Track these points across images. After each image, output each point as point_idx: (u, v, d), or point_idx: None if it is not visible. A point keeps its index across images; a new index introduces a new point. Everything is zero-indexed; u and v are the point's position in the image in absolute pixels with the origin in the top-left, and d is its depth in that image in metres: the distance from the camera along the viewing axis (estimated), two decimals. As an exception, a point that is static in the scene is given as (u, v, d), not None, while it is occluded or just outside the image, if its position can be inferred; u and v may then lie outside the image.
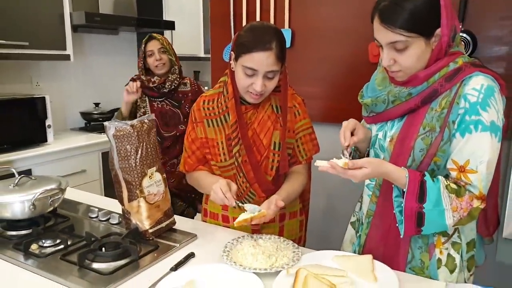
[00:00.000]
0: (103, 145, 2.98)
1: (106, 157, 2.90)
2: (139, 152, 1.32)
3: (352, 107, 2.02)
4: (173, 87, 2.25)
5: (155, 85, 2.23)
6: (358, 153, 1.40)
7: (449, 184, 1.06)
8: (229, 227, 1.50)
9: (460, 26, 1.82)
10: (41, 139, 2.73)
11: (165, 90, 2.24)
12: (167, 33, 3.71)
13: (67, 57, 2.94)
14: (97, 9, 3.19)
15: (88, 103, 3.41)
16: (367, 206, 1.27)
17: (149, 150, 1.35)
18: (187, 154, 1.53)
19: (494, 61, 1.81)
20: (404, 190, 1.07)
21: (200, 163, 1.51)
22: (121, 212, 1.41)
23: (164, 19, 3.67)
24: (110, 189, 2.09)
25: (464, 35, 1.83)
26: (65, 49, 2.91)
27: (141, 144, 1.32)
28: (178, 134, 2.26)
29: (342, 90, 2.04)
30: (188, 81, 2.36)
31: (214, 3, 2.29)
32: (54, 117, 2.88)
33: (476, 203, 1.05)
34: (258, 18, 2.13)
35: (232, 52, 1.37)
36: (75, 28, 3.16)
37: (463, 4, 1.83)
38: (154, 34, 2.26)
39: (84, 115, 3.32)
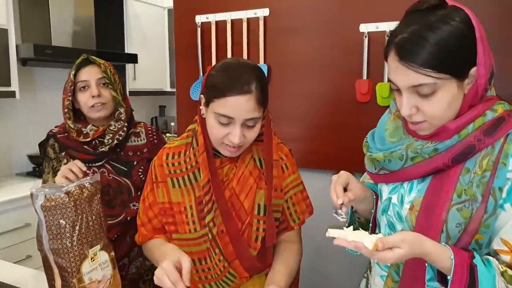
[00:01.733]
0: (53, 193, 2.59)
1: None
2: (77, 227, 0.99)
3: (337, 151, 1.78)
4: (116, 142, 1.47)
5: (88, 139, 1.46)
6: (357, 217, 1.13)
7: (505, 271, 0.80)
8: None
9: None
10: (-24, 191, 2.33)
11: (104, 149, 1.46)
12: (129, 66, 3.42)
13: (12, 94, 2.59)
14: (50, 41, 2.87)
15: (36, 145, 3.02)
16: None
17: (90, 224, 1.03)
18: (141, 222, 1.21)
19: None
20: (449, 277, 0.79)
21: (157, 233, 1.21)
22: None
23: (126, 51, 3.39)
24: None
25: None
26: (9, 85, 2.56)
27: (80, 217, 1.00)
28: (129, 218, 1.45)
29: (325, 131, 1.80)
30: (143, 129, 1.57)
31: (178, 34, 2.03)
32: (-5, 163, 2.50)
33: None
34: (229, 52, 1.89)
35: (202, 96, 1.10)
36: (24, 62, 2.83)
37: None
38: (93, 57, 1.48)
39: (33, 158, 2.94)
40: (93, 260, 1.03)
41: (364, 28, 1.64)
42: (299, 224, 1.22)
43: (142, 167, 1.51)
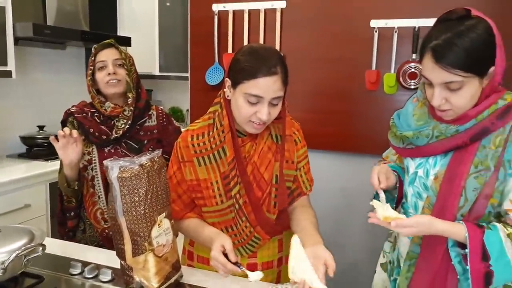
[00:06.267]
0: (49, 175, 2.59)
1: (53, 188, 2.53)
2: (149, 196, 1.10)
3: (347, 133, 1.95)
4: (127, 126, 1.58)
5: (107, 114, 1.59)
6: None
7: (510, 233, 1.01)
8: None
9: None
10: (-24, 171, 2.30)
11: (116, 135, 1.57)
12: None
13: (8, 74, 2.54)
14: (45, 21, 2.83)
15: (31, 126, 2.99)
16: (408, 247, 1.18)
17: (159, 193, 1.13)
18: (172, 199, 1.31)
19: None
20: (466, 250, 1.00)
21: (188, 209, 1.33)
22: (111, 265, 1.20)
23: (118, 34, 3.38)
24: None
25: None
26: (6, 64, 2.52)
27: (151, 187, 1.10)
28: None
29: (336, 115, 1.97)
30: (154, 112, 1.69)
31: (194, 22, 2.11)
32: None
33: None
34: (245, 40, 2.00)
35: (227, 79, 1.22)
36: (15, 41, 2.77)
37: (416, 36, 1.82)
38: (111, 41, 1.62)
39: (26, 139, 2.90)
40: (160, 226, 1.13)
41: (375, 23, 1.82)
42: (309, 190, 1.38)
43: (151, 147, 1.63)
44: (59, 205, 1.69)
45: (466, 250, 1.00)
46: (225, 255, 1.16)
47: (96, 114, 1.61)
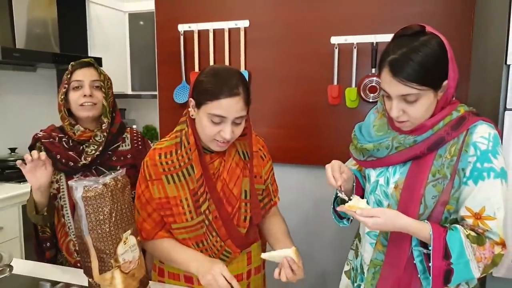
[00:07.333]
0: (22, 197, 2.58)
1: (26, 210, 2.51)
2: (113, 214, 1.13)
3: (311, 147, 2.03)
4: (97, 153, 1.50)
5: (75, 138, 1.51)
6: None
7: (469, 234, 1.06)
8: None
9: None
10: None
11: (85, 162, 1.49)
12: (93, 70, 3.44)
13: (-24, 98, 2.55)
14: (13, 44, 2.84)
15: (2, 148, 2.97)
16: (371, 255, 1.23)
17: (124, 211, 1.16)
18: (142, 218, 1.34)
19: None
20: (430, 247, 1.04)
21: (159, 227, 1.34)
22: (80, 284, 1.22)
23: (89, 55, 3.40)
24: (32, 247, 1.66)
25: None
26: (-26, 88, 2.52)
27: (115, 205, 1.14)
28: None
29: (301, 130, 2.05)
30: (129, 135, 1.62)
31: (161, 42, 2.17)
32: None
33: (498, 250, 1.06)
34: (211, 58, 2.06)
35: (191, 99, 1.26)
36: (-17, 64, 2.78)
37: (374, 52, 1.90)
38: (90, 60, 1.55)
39: (-5, 162, 2.88)
40: (125, 243, 1.17)
41: (335, 40, 1.91)
42: (277, 199, 1.46)
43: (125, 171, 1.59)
44: (33, 233, 1.61)
45: (430, 248, 1.04)
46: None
47: (64, 139, 1.53)
